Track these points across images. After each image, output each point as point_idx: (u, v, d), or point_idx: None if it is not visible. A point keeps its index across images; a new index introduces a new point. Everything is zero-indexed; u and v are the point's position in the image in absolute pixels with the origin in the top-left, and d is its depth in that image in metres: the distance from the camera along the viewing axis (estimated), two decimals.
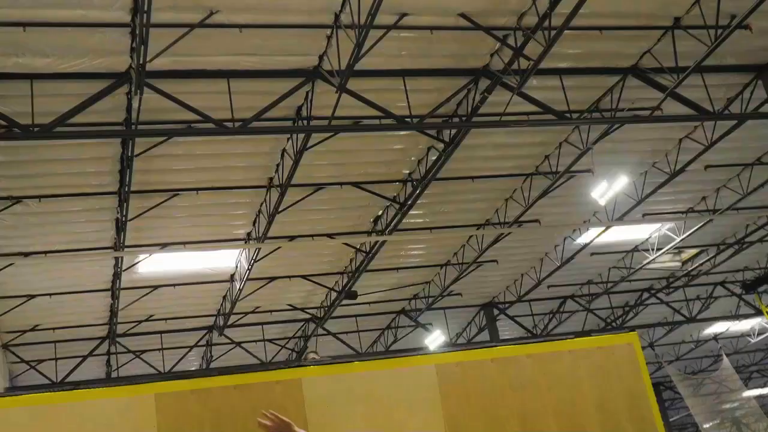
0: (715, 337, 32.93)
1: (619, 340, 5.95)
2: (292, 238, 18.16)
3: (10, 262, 16.68)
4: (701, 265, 24.38)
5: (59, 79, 11.98)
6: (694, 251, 23.85)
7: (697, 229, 20.89)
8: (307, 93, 13.35)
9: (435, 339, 25.62)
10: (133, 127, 12.89)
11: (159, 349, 22.89)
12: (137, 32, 10.88)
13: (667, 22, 13.33)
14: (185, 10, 11.14)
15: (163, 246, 17.62)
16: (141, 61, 10.98)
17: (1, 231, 15.73)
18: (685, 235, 20.99)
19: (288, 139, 14.55)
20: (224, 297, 21.29)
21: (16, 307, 18.89)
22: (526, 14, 12.31)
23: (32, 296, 18.74)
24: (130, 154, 13.54)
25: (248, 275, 18.74)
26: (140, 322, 21.61)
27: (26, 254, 16.80)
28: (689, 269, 24.79)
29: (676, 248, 22.28)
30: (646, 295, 26.84)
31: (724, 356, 31.30)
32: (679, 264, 24.46)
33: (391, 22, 11.92)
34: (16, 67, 11.61)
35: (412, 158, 16.07)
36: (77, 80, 12.06)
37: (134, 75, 11.54)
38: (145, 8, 10.02)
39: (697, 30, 13.11)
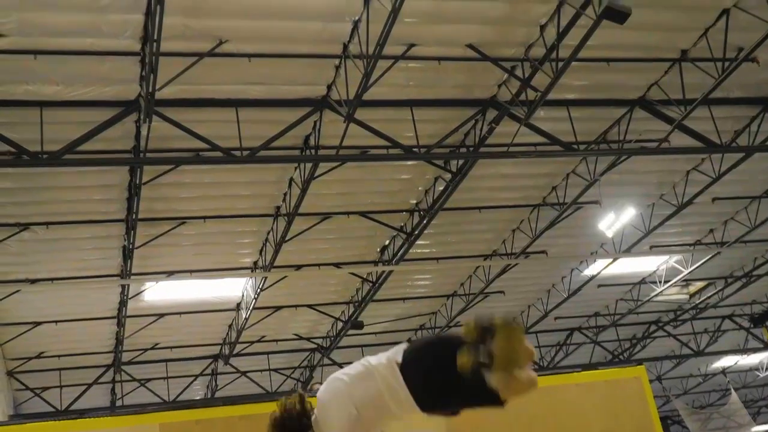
0: (723, 371, 32.67)
1: (626, 374, 5.93)
2: (298, 267, 18.14)
3: (17, 289, 16.67)
4: (709, 298, 24.26)
5: (68, 106, 12.05)
6: (701, 284, 23.72)
7: (704, 262, 20.79)
8: (315, 122, 13.39)
9: None
10: (142, 154, 12.95)
11: (164, 378, 22.78)
12: (147, 61, 10.96)
13: (674, 54, 13.38)
14: (194, 39, 11.23)
15: (170, 274, 17.61)
16: (150, 90, 11.05)
17: (7, 257, 15.73)
18: (692, 268, 20.89)
19: (295, 168, 14.58)
20: (230, 326, 21.24)
21: (22, 333, 18.85)
22: (533, 46, 12.38)
23: (38, 323, 18.71)
24: (138, 182, 13.59)
25: (254, 304, 18.70)
26: (145, 350, 21.54)
27: (33, 281, 16.80)
28: (697, 302, 24.66)
29: (683, 281, 22.17)
30: (653, 327, 26.69)
31: (733, 390, 31.02)
32: (686, 297, 24.33)
33: (399, 52, 11.99)
34: (26, 94, 11.69)
35: (419, 188, 16.08)
36: (86, 108, 12.13)
37: (143, 103, 11.60)
38: (155, 37, 10.11)
39: (705, 62, 13.16)
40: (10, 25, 10.42)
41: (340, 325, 21.54)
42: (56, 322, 18.84)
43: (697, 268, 20.93)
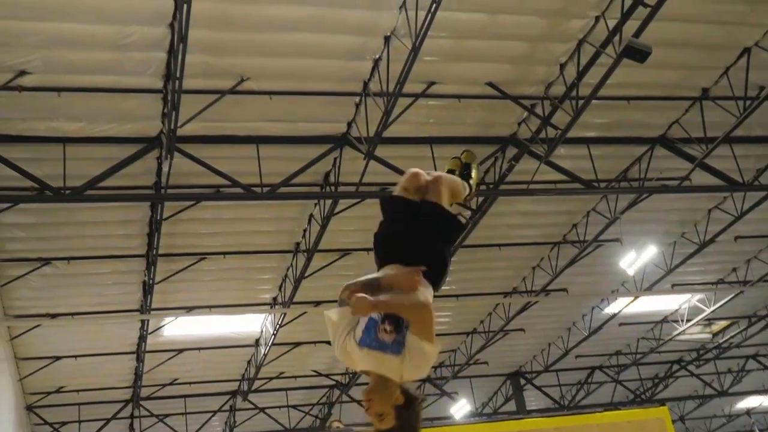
0: (748, 412, 32.19)
1: (649, 415, 5.86)
2: (317, 303, 18.10)
3: (37, 324, 16.73)
4: (732, 337, 24.03)
5: (91, 142, 12.19)
6: (724, 323, 23.50)
7: (727, 301, 20.61)
8: (335, 159, 13.45)
9: (461, 408, 25.31)
10: (163, 190, 13.03)
11: (182, 414, 22.73)
12: (169, 98, 11.07)
13: (695, 92, 13.38)
14: (216, 77, 11.34)
15: (189, 309, 17.63)
16: (172, 127, 11.16)
17: (28, 292, 15.83)
18: (715, 307, 20.71)
19: (315, 204, 14.62)
20: (249, 361, 21.20)
21: (42, 368, 18.89)
22: (553, 84, 12.43)
23: (58, 358, 18.75)
24: (158, 218, 13.67)
25: (273, 340, 18.69)
26: (164, 385, 21.54)
27: (53, 316, 16.86)
28: (720, 341, 24.43)
29: (706, 320, 21.98)
30: (676, 367, 26.42)
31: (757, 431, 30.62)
32: (709, 336, 24.11)
33: (419, 90, 12.06)
34: (50, 130, 11.83)
35: None
36: (109, 144, 12.26)
37: (165, 140, 11.70)
38: (178, 75, 10.21)
39: (726, 101, 13.13)
40: (35, 62, 10.58)
41: None
42: (76, 356, 18.87)
43: (719, 307, 20.75)
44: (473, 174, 5.22)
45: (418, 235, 4.50)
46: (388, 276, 4.34)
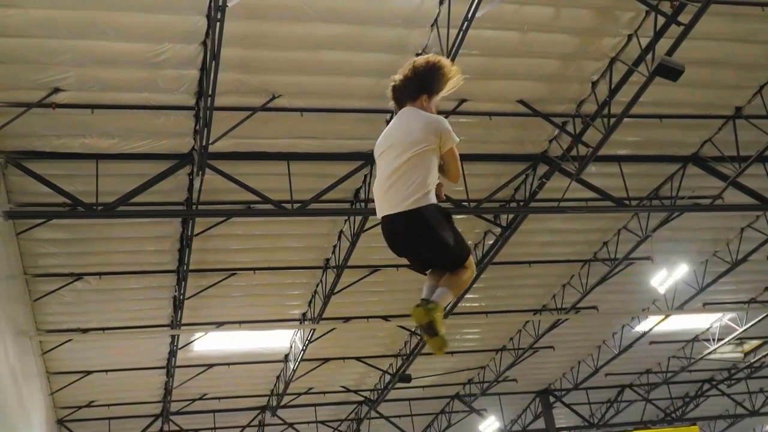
0: None
1: None
2: (347, 319, 18.15)
3: (69, 338, 16.86)
4: (765, 356, 23.78)
5: (124, 159, 12.29)
6: (756, 342, 23.26)
7: (759, 320, 20.41)
8: (366, 176, 13.46)
9: (490, 425, 25.19)
10: (194, 207, 13.10)
11: (212, 429, 22.80)
12: (201, 115, 11.15)
13: (728, 111, 13.29)
14: (248, 94, 11.41)
15: (219, 324, 17.70)
16: (204, 143, 11.23)
17: (60, 307, 15.96)
18: (747, 326, 20.53)
19: (345, 221, 14.64)
20: (278, 377, 21.24)
21: (73, 383, 19.03)
22: (585, 102, 12.40)
23: (88, 372, 18.87)
24: (189, 234, 13.75)
25: (302, 356, 18.71)
26: (194, 400, 21.61)
27: (84, 330, 16.99)
28: (752, 361, 24.17)
29: (737, 339, 21.78)
30: (707, 386, 26.16)
31: None
32: (741, 355, 23.87)
33: (450, 107, 12.05)
34: (83, 147, 11.95)
35: (469, 242, 16.04)
36: (141, 161, 12.36)
37: (196, 156, 11.79)
38: (210, 92, 10.28)
39: (760, 120, 13.03)
40: (69, 80, 10.68)
41: (387, 377, 21.43)
42: (106, 371, 18.99)
43: (751, 326, 20.56)
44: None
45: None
46: None
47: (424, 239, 4.80)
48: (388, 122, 12.33)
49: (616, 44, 11.37)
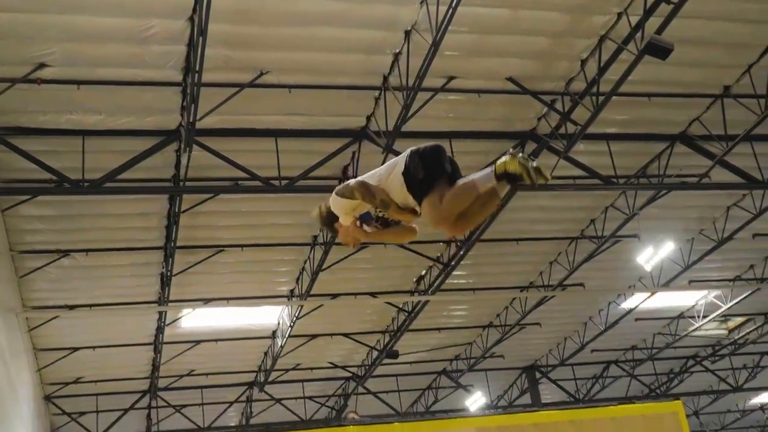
0: (762, 408, 32.17)
1: (663, 409, 5.86)
2: (334, 296, 18.15)
3: (55, 315, 16.82)
4: (748, 333, 23.96)
5: (110, 135, 12.22)
6: (741, 319, 23.43)
7: (744, 298, 20.53)
8: (354, 153, 13.44)
9: (476, 401, 25.33)
10: (181, 183, 13.06)
11: (199, 404, 22.84)
12: (188, 91, 11.09)
13: (716, 90, 13.30)
14: (236, 70, 11.35)
15: (207, 301, 17.69)
16: (191, 120, 11.17)
17: (47, 284, 15.90)
18: (732, 303, 20.64)
19: None
20: (265, 353, 21.26)
21: (60, 359, 19.00)
22: (574, 80, 12.39)
23: (76, 349, 18.84)
24: (177, 210, 13.72)
25: (290, 332, 18.73)
26: (181, 376, 21.64)
27: (71, 307, 16.94)
28: (736, 337, 24.35)
29: (722, 316, 21.91)
30: (691, 362, 26.36)
31: None
32: (725, 332, 24.04)
33: (439, 84, 12.03)
34: (69, 123, 11.87)
35: None
36: (127, 137, 12.28)
37: (184, 133, 11.72)
38: (197, 68, 10.21)
39: (747, 99, 13.05)
40: (55, 55, 10.60)
41: (375, 354, 21.49)
42: (94, 348, 18.97)
43: (736, 303, 20.68)
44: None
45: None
46: (385, 193, 5.35)
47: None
48: (376, 98, 12.35)
49: (606, 22, 11.34)
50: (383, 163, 12.35)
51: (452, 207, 5.14)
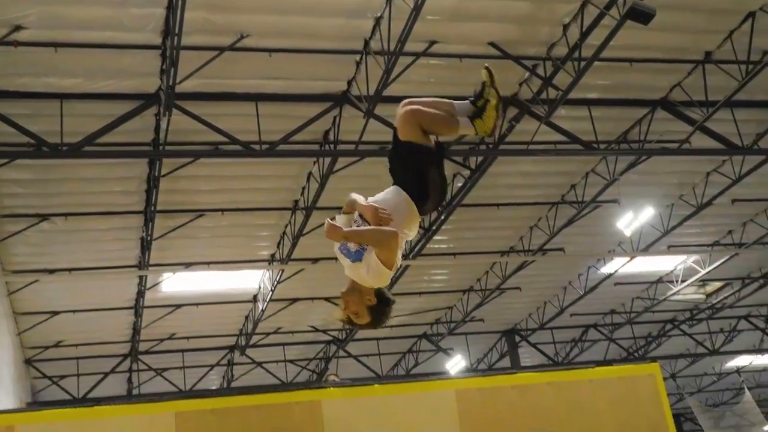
0: (738, 371, 32.54)
1: (640, 371, 5.91)
2: (315, 260, 18.17)
3: (35, 279, 16.77)
4: (726, 298, 24.18)
5: (89, 99, 12.11)
6: (718, 284, 23.63)
7: (722, 263, 20.70)
8: (335, 118, 13.39)
9: (456, 364, 25.52)
10: (161, 147, 12.98)
11: (180, 368, 22.91)
12: (167, 54, 10.99)
13: (697, 56, 13.30)
14: (216, 33, 11.24)
15: (187, 265, 17.66)
16: (170, 83, 11.09)
17: (26, 248, 15.83)
18: (710, 268, 20.80)
19: (314, 162, 14.59)
20: (246, 317, 21.31)
21: (40, 323, 18.98)
22: (556, 45, 12.35)
23: (56, 313, 18.82)
24: (157, 174, 13.64)
25: (271, 296, 18.76)
26: (162, 340, 21.66)
27: (51, 271, 16.89)
28: (713, 302, 24.58)
29: (700, 281, 22.09)
30: (669, 326, 26.62)
31: (747, 390, 30.92)
32: (703, 297, 24.25)
33: (420, 49, 11.98)
34: (46, 86, 11.76)
35: None
36: (106, 101, 12.18)
37: (163, 96, 11.64)
38: (176, 31, 10.12)
39: (729, 65, 13.07)
40: (31, 17, 10.46)
41: None
42: (74, 311, 18.94)
43: (714, 268, 20.84)
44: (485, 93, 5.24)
45: (394, 164, 5.16)
46: (361, 206, 4.92)
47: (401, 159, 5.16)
48: (357, 63, 12.28)
49: None
50: (363, 130, 12.33)
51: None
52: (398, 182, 5.04)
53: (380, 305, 5.02)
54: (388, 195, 4.98)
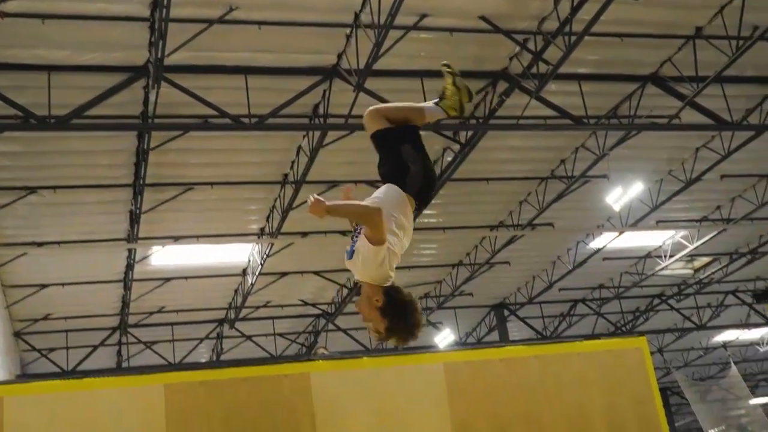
0: (724, 345, 32.82)
1: (627, 345, 5.97)
2: (305, 234, 18.16)
3: (24, 252, 16.74)
4: (713, 273, 24.30)
5: (77, 71, 12.04)
6: (706, 259, 23.75)
7: (710, 238, 20.80)
8: (325, 91, 13.34)
9: (445, 338, 25.61)
10: (150, 120, 12.94)
11: (170, 341, 22.95)
12: (156, 26, 10.91)
13: (688, 31, 13.27)
14: (205, 5, 11.18)
15: (177, 239, 17.64)
16: (159, 56, 11.01)
17: (15, 221, 15.78)
18: (698, 244, 20.89)
19: (304, 136, 14.55)
20: (236, 291, 21.33)
21: (29, 296, 18.97)
22: (546, 19, 12.29)
23: (45, 286, 18.81)
24: (145, 148, 13.61)
25: (260, 270, 18.76)
26: (152, 313, 21.68)
27: (39, 244, 16.84)
28: (701, 277, 24.70)
29: (688, 256, 22.19)
30: (657, 301, 26.76)
31: (733, 364, 31.18)
32: (691, 272, 24.37)
33: (410, 23, 11.92)
34: (34, 58, 11.67)
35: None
36: (95, 73, 12.11)
37: (152, 69, 11.57)
38: (165, 3, 10.05)
39: (719, 40, 13.05)
40: None
41: (345, 291, 21.62)
42: (63, 284, 18.93)
43: (702, 243, 20.93)
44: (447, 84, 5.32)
45: (379, 162, 5.17)
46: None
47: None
48: (347, 36, 12.23)
49: None
50: (353, 104, 12.30)
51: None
52: (383, 174, 5.06)
53: (392, 306, 4.56)
54: (379, 190, 4.97)
